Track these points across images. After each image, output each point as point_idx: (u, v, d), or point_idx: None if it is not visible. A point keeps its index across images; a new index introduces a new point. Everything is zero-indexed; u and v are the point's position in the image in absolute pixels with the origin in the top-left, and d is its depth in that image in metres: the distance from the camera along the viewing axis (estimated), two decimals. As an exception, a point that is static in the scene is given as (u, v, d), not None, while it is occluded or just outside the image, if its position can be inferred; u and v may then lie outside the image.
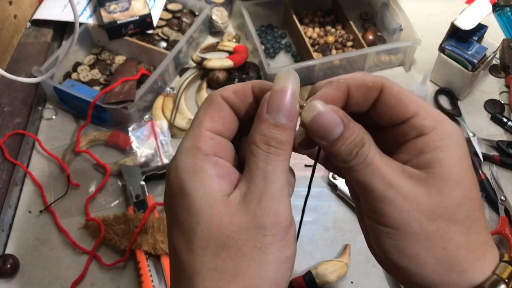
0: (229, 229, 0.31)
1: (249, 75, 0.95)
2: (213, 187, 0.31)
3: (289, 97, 0.33)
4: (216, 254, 0.30)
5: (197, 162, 0.32)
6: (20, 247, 0.75)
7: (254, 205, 0.31)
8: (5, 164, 0.80)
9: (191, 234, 0.31)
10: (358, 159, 0.32)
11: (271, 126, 0.32)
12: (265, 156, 0.32)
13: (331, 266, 0.69)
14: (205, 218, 0.31)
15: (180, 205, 0.32)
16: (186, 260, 0.31)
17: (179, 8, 1.01)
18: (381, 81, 0.34)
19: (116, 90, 0.84)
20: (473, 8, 0.86)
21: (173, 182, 0.32)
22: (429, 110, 0.34)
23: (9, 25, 0.95)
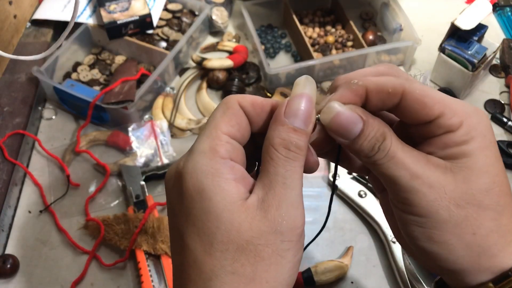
0: (248, 234, 0.31)
1: (249, 75, 0.95)
2: (231, 192, 0.32)
3: (307, 102, 0.33)
4: (235, 258, 0.31)
5: (214, 165, 0.32)
6: (20, 247, 0.75)
7: (273, 211, 0.31)
8: (5, 164, 0.80)
9: (210, 237, 0.31)
10: (380, 153, 0.33)
11: (289, 130, 0.33)
12: (284, 161, 0.32)
13: (331, 266, 0.69)
14: (225, 222, 0.31)
15: (199, 208, 0.31)
16: (204, 263, 0.31)
17: (179, 8, 1.01)
18: (402, 86, 0.33)
19: (116, 90, 0.84)
20: (473, 8, 0.86)
21: (191, 185, 0.32)
22: (454, 107, 0.33)
23: (9, 25, 0.95)
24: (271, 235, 0.31)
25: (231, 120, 0.34)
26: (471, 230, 0.32)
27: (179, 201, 0.33)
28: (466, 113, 0.33)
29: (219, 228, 0.31)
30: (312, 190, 0.80)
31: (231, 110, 0.34)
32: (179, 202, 0.33)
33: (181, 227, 0.32)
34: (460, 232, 0.32)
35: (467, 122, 0.33)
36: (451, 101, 0.34)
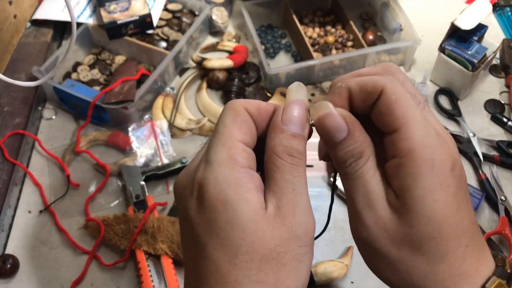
0: (271, 243, 0.31)
1: (249, 75, 0.95)
2: (254, 201, 0.32)
3: (302, 108, 0.34)
4: (259, 267, 0.31)
5: (236, 175, 0.32)
6: (20, 247, 0.75)
7: (289, 218, 0.32)
8: (5, 164, 0.80)
9: (235, 248, 0.31)
10: (350, 169, 0.33)
11: (289, 137, 0.33)
12: (289, 168, 0.33)
13: (331, 266, 0.69)
14: (249, 233, 0.31)
15: (223, 219, 0.31)
16: (228, 274, 0.31)
17: (179, 8, 1.01)
18: (383, 85, 0.32)
19: (116, 90, 0.84)
20: (473, 8, 0.86)
21: (214, 196, 0.31)
22: (414, 130, 0.31)
23: (9, 25, 0.95)
24: (290, 241, 0.32)
25: (243, 127, 0.34)
26: (406, 270, 0.33)
27: (199, 212, 0.32)
28: (422, 141, 0.31)
29: (244, 239, 0.31)
30: (312, 190, 0.80)
31: (241, 117, 0.34)
32: (199, 212, 0.32)
33: (202, 237, 0.32)
34: (396, 269, 0.33)
35: (418, 152, 0.31)
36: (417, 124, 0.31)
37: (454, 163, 0.32)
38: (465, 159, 0.84)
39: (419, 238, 0.31)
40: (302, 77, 0.93)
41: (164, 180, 0.82)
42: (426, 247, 0.32)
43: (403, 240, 0.32)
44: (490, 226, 0.76)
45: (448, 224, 0.31)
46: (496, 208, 0.77)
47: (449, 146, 0.32)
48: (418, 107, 0.32)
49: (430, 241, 0.31)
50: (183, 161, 0.81)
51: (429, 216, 0.31)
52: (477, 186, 0.80)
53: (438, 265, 0.32)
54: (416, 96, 0.34)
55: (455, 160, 0.32)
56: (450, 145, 0.33)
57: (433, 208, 0.31)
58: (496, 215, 0.76)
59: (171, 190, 0.81)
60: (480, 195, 0.77)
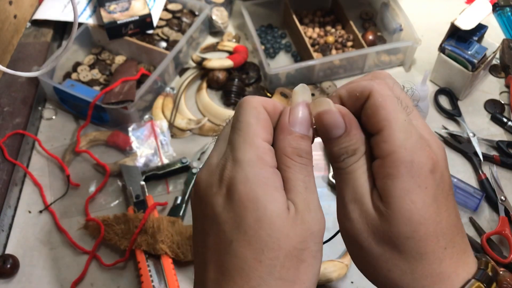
0: (294, 240, 0.32)
1: (249, 75, 0.95)
2: (280, 200, 0.33)
3: (307, 109, 0.35)
4: (283, 264, 0.32)
5: (265, 175, 0.33)
6: (20, 247, 0.75)
7: (306, 215, 0.33)
8: (5, 164, 0.80)
9: (262, 245, 0.32)
10: (343, 164, 0.35)
11: (297, 138, 0.34)
12: (300, 168, 0.34)
13: (331, 266, 0.69)
14: (276, 231, 0.32)
15: (252, 217, 0.32)
16: (253, 270, 0.32)
17: (179, 8, 1.01)
18: (371, 89, 0.34)
19: (116, 90, 0.84)
20: (473, 8, 0.86)
21: (244, 194, 0.32)
22: (396, 133, 0.32)
23: (9, 25, 0.95)
24: (308, 238, 0.33)
25: (266, 126, 0.35)
26: (386, 267, 0.33)
27: (227, 209, 0.33)
28: (402, 144, 0.32)
29: (271, 237, 0.32)
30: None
31: (263, 116, 0.35)
32: (227, 209, 0.33)
33: (229, 234, 0.33)
34: (376, 265, 0.34)
35: (398, 154, 0.32)
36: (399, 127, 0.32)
37: (435, 166, 0.33)
38: (465, 159, 0.84)
39: (397, 236, 0.32)
40: (302, 77, 0.93)
41: (164, 180, 0.82)
42: (404, 246, 0.33)
43: (384, 237, 0.33)
44: (490, 226, 0.76)
45: (425, 225, 0.32)
46: (496, 208, 0.77)
47: (431, 149, 0.33)
48: (404, 110, 0.34)
49: (408, 240, 0.32)
50: (183, 161, 0.81)
51: (407, 216, 0.32)
52: (477, 186, 0.80)
53: (416, 264, 0.33)
54: (404, 100, 0.35)
55: (436, 163, 0.33)
56: (433, 148, 0.33)
57: (411, 209, 0.32)
58: (496, 215, 0.76)
59: (171, 190, 0.81)
60: (480, 195, 0.77)
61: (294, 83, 0.94)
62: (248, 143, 0.33)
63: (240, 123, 0.34)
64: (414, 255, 0.33)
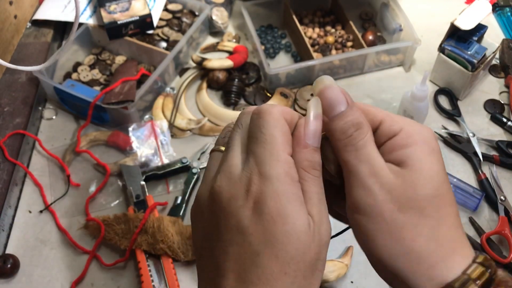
0: (313, 251, 0.34)
1: (249, 75, 0.96)
2: (305, 215, 0.34)
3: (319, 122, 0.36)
4: (303, 274, 0.34)
5: (293, 190, 0.34)
6: (20, 247, 0.75)
7: (320, 227, 0.35)
8: (5, 164, 0.80)
9: (288, 258, 0.33)
10: (352, 139, 0.35)
11: (312, 151, 0.35)
12: (315, 180, 0.35)
13: (331, 266, 0.69)
14: (302, 244, 0.33)
15: (281, 232, 0.33)
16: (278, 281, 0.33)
17: (179, 8, 1.01)
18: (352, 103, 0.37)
19: (116, 90, 0.85)
20: (473, 8, 0.86)
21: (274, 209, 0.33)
22: (395, 118, 0.36)
23: (9, 25, 0.95)
24: (322, 248, 0.35)
25: (289, 139, 0.36)
26: (411, 236, 0.34)
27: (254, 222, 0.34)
28: (406, 122, 0.36)
29: (298, 250, 0.33)
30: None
31: (285, 128, 0.36)
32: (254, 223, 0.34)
33: (256, 246, 0.34)
34: (400, 236, 0.34)
35: (407, 128, 0.35)
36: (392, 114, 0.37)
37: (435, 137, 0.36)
38: (464, 159, 0.84)
39: (422, 196, 0.33)
40: (302, 77, 0.93)
41: (164, 180, 0.82)
42: (429, 208, 0.34)
43: (408, 202, 0.33)
44: (490, 226, 0.76)
45: (444, 186, 0.34)
46: (496, 208, 0.77)
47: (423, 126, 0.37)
48: None
49: (433, 199, 0.34)
50: (183, 161, 0.81)
51: (431, 175, 0.34)
52: (476, 186, 0.80)
53: (439, 227, 0.34)
54: None
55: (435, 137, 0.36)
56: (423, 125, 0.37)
57: (432, 168, 0.34)
58: (496, 215, 0.77)
59: (171, 190, 0.81)
60: (479, 195, 0.77)
61: (294, 83, 0.94)
62: (275, 158, 0.34)
63: (264, 135, 0.35)
64: (437, 217, 0.34)
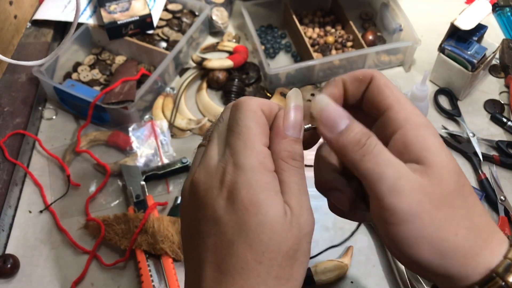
0: (290, 241, 0.34)
1: (249, 75, 0.96)
2: (280, 204, 0.34)
3: (300, 114, 0.36)
4: (280, 264, 0.34)
5: (266, 180, 0.34)
6: (20, 247, 0.75)
7: (300, 218, 0.34)
8: (5, 164, 0.80)
9: (263, 248, 0.33)
10: (367, 147, 0.33)
11: (291, 142, 0.35)
12: (294, 171, 0.35)
13: (331, 266, 0.69)
14: (276, 234, 0.33)
15: (254, 221, 0.33)
16: (253, 271, 0.33)
17: (179, 8, 1.01)
18: (372, 73, 0.37)
19: (116, 90, 0.85)
20: (473, 8, 0.86)
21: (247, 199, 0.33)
22: (405, 105, 0.35)
23: (9, 25, 0.95)
24: (302, 238, 0.35)
25: (264, 130, 0.36)
26: (453, 231, 0.33)
27: (228, 212, 0.34)
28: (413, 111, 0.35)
29: (272, 239, 0.33)
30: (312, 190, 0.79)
31: (262, 120, 0.36)
32: (228, 212, 0.34)
33: (230, 236, 0.34)
34: (443, 235, 0.33)
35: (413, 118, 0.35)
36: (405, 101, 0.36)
37: None
38: (464, 159, 0.84)
39: (450, 191, 0.33)
40: (302, 77, 0.93)
41: (164, 180, 0.82)
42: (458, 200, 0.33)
43: (441, 199, 0.33)
44: (490, 226, 0.76)
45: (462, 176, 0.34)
46: (496, 208, 0.77)
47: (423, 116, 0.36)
48: None
49: (459, 192, 0.33)
50: (183, 161, 0.81)
51: (450, 168, 0.34)
52: (476, 186, 0.80)
53: (473, 217, 0.34)
54: None
55: None
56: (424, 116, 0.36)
57: (449, 160, 0.34)
58: (496, 215, 0.77)
59: (171, 190, 0.81)
60: (479, 195, 0.77)
61: (294, 83, 0.94)
62: (249, 148, 0.34)
63: (240, 126, 0.35)
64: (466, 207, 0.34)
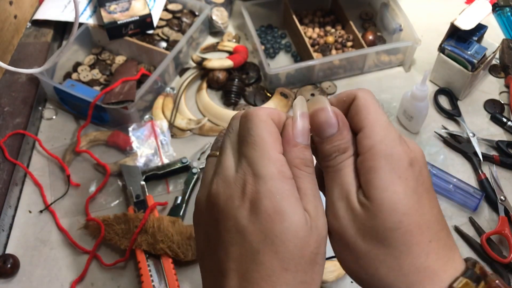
0: (312, 246, 0.34)
1: (249, 75, 0.96)
2: (302, 211, 0.35)
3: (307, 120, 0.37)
4: (304, 269, 0.34)
5: (287, 187, 0.35)
6: (20, 247, 0.75)
7: (317, 222, 0.35)
8: (5, 164, 0.80)
9: (288, 254, 0.34)
10: (333, 162, 0.36)
11: (302, 149, 0.36)
12: (308, 177, 0.36)
13: (331, 266, 0.69)
14: (300, 240, 0.34)
15: (279, 229, 0.34)
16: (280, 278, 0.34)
17: (179, 8, 1.01)
18: (356, 93, 0.37)
19: (116, 90, 0.85)
20: (473, 8, 0.86)
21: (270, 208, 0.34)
22: (377, 129, 0.35)
23: (10, 25, 0.95)
24: (321, 242, 0.35)
25: (278, 139, 0.36)
26: (373, 264, 0.34)
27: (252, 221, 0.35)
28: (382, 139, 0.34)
29: (296, 246, 0.34)
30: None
31: (274, 129, 0.36)
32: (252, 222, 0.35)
33: (256, 244, 0.34)
34: (363, 264, 0.35)
35: (378, 148, 0.34)
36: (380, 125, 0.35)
37: (413, 160, 0.35)
38: (464, 159, 0.84)
39: (383, 229, 0.34)
40: (302, 77, 0.93)
41: (164, 180, 0.82)
42: (391, 239, 0.34)
43: (370, 232, 0.34)
44: (490, 226, 0.76)
45: (409, 215, 0.34)
46: (496, 208, 0.77)
47: (409, 147, 0.35)
48: (384, 114, 0.36)
49: (394, 232, 0.33)
50: (183, 161, 0.81)
51: (392, 207, 0.33)
52: (476, 186, 0.80)
53: (403, 258, 0.34)
54: None
55: (414, 158, 0.35)
56: (411, 146, 0.35)
57: (394, 199, 0.33)
58: (496, 215, 0.77)
59: (171, 190, 0.81)
60: (479, 195, 0.77)
61: (294, 83, 0.94)
62: (267, 158, 0.35)
63: (253, 137, 0.36)
64: (400, 248, 0.34)
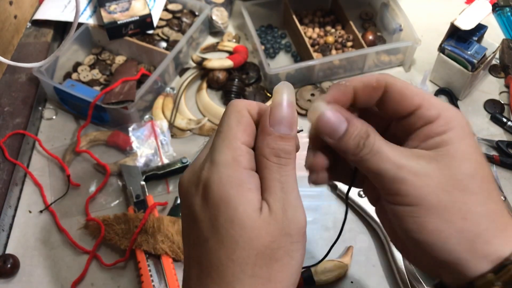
0: (266, 239, 0.33)
1: (249, 75, 0.96)
2: (253, 200, 0.34)
3: (289, 108, 0.35)
4: (255, 262, 0.33)
5: (239, 176, 0.34)
6: (20, 247, 0.75)
7: (281, 215, 0.34)
8: (5, 164, 0.80)
9: (233, 244, 0.33)
10: (365, 149, 0.34)
11: (276, 138, 0.35)
12: (277, 168, 0.35)
13: (331, 266, 0.69)
14: (247, 230, 0.33)
15: (224, 217, 0.33)
16: (227, 268, 0.33)
17: (179, 8, 1.01)
18: (385, 79, 0.36)
19: (116, 90, 0.85)
20: (473, 8, 0.86)
21: (217, 195, 0.33)
22: (432, 101, 0.36)
23: (9, 25, 0.95)
24: (282, 237, 0.34)
25: (247, 129, 0.35)
26: (461, 215, 0.33)
27: (203, 209, 0.34)
28: (443, 107, 0.35)
29: (242, 236, 0.33)
30: (312, 190, 0.80)
31: (245, 119, 0.36)
32: (203, 209, 0.34)
33: (205, 233, 0.34)
34: (451, 217, 0.33)
35: (444, 114, 0.35)
36: (429, 96, 0.36)
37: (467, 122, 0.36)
38: (464, 159, 0.84)
39: (463, 176, 0.33)
40: (302, 77, 0.93)
41: (164, 180, 0.82)
42: (473, 186, 0.33)
43: (450, 183, 0.33)
44: (490, 226, 0.76)
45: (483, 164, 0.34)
46: (496, 208, 0.77)
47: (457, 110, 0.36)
48: None
49: (474, 178, 0.33)
50: (183, 161, 0.81)
51: (468, 157, 0.34)
52: (476, 186, 0.80)
53: (488, 203, 0.33)
54: None
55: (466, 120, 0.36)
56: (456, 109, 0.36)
57: (468, 150, 0.34)
58: (496, 215, 0.77)
59: (171, 190, 0.81)
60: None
61: (294, 83, 0.94)
62: (226, 146, 0.34)
63: (221, 125, 0.36)
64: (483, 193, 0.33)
